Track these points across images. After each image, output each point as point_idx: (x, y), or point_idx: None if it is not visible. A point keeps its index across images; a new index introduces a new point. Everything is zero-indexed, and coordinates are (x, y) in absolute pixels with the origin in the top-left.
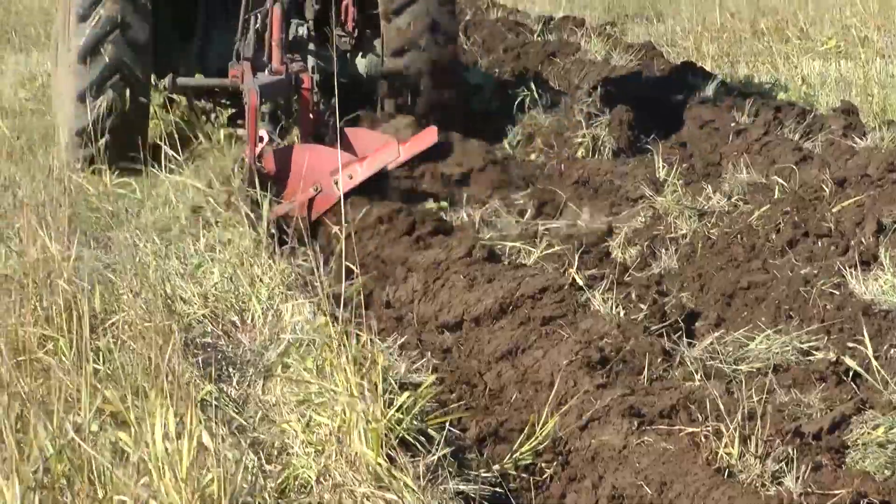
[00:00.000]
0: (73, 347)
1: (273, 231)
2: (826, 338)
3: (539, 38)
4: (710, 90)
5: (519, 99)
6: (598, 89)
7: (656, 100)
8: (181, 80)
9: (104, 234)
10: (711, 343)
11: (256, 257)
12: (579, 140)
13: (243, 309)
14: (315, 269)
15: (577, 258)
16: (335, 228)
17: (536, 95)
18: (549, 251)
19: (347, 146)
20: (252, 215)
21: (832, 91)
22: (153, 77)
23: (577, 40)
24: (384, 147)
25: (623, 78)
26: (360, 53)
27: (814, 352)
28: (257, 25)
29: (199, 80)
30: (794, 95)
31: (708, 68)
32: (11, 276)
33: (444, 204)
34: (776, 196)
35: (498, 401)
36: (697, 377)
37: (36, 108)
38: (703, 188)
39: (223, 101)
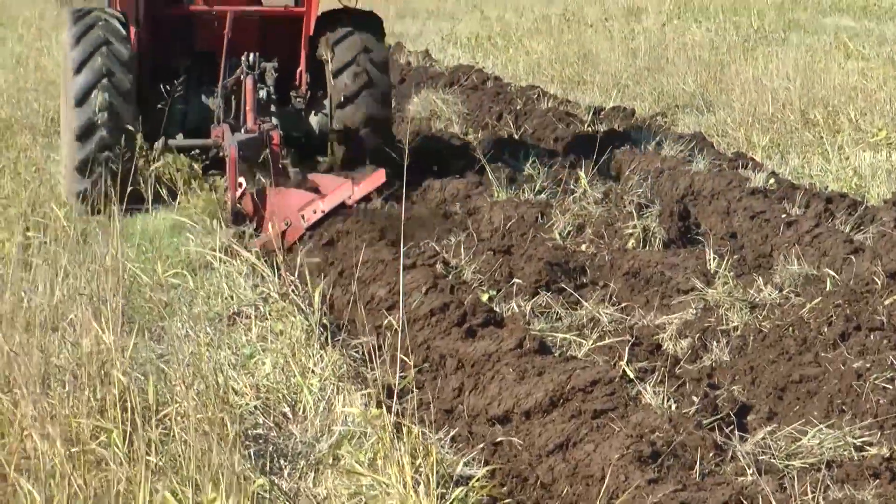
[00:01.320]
0: (126, 439)
1: (324, 322)
2: (879, 433)
3: (589, 129)
4: (760, 181)
5: (569, 189)
6: (649, 180)
7: (706, 190)
8: (172, 142)
9: (157, 325)
10: (763, 437)
11: (308, 347)
12: (630, 231)
13: (295, 400)
14: (367, 361)
15: (627, 350)
16: (389, 318)
17: (587, 185)
18: (600, 343)
19: (312, 188)
20: (303, 305)
21: (883, 182)
22: (142, 139)
23: (628, 130)
24: (340, 187)
25: (673, 168)
26: (313, 112)
27: (867, 447)
28: (229, 92)
29: (187, 141)
30: (846, 187)
31: (758, 159)
32: (65, 367)
33: (494, 294)
34: (828, 289)
35: (549, 495)
36: (750, 472)
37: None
38: (754, 280)
39: (200, 155)
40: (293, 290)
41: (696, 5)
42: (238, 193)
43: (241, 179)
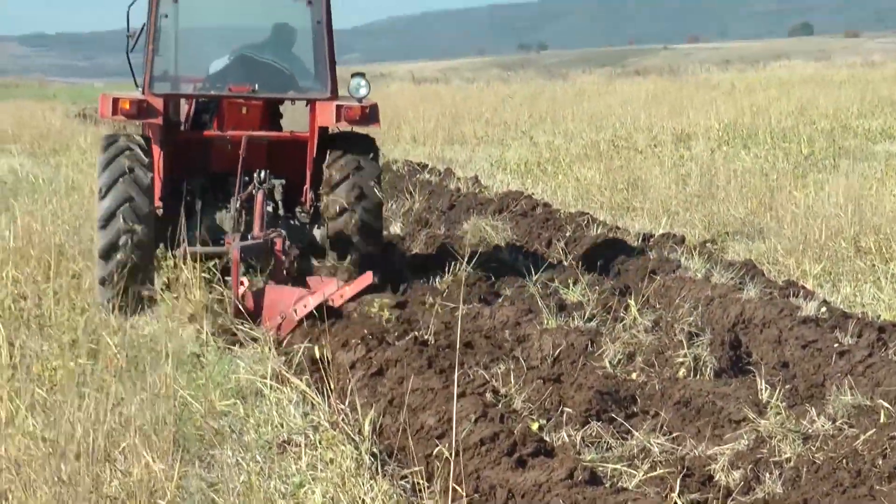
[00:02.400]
0: None
1: (374, 451)
2: None
3: (639, 255)
4: (812, 310)
5: (619, 316)
6: (699, 308)
7: (757, 319)
8: (190, 249)
9: (208, 453)
10: None
11: (358, 477)
12: (680, 359)
13: None
14: (418, 491)
15: (679, 482)
16: (440, 446)
17: (637, 313)
18: (651, 474)
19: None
20: (354, 434)
21: None
22: (164, 248)
23: (677, 258)
24: (326, 284)
25: (723, 296)
26: (316, 225)
27: None
28: (240, 206)
29: (202, 249)
30: None
31: (810, 287)
32: (115, 496)
33: (544, 423)
34: (882, 420)
35: None
36: None
37: (146, 326)
38: (806, 411)
39: (215, 262)
40: (343, 419)
41: (745, 132)
42: (240, 292)
43: (244, 279)
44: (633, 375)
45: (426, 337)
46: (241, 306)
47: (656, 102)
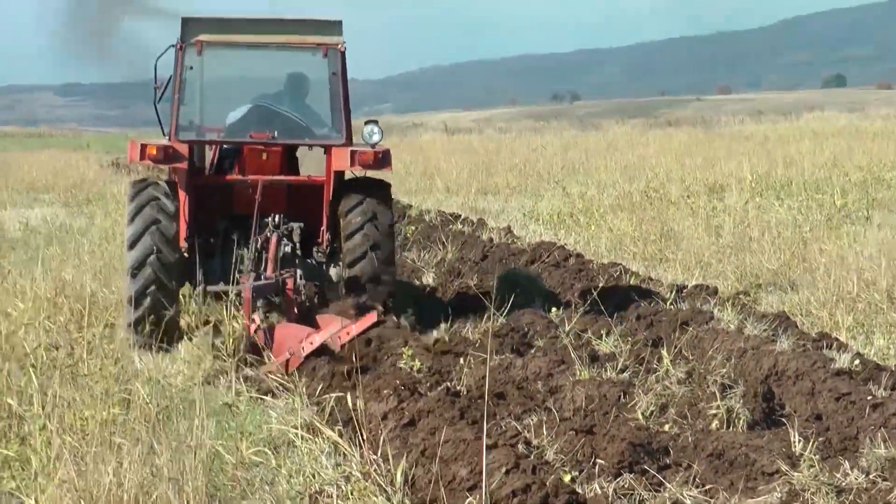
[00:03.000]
0: None
1: (406, 502)
2: None
3: (671, 307)
4: (845, 362)
5: (652, 368)
6: (732, 359)
7: (790, 371)
8: (210, 288)
9: (240, 503)
10: None
11: None
12: (713, 411)
13: None
14: None
15: None
16: (471, 498)
17: (669, 365)
18: None
19: (316, 325)
20: (385, 485)
21: None
22: (188, 286)
23: (710, 309)
24: (332, 323)
25: (756, 348)
26: (332, 265)
27: None
28: (259, 247)
29: (220, 287)
30: None
31: (843, 339)
32: None
33: (576, 475)
34: None
35: None
36: None
37: (177, 374)
38: (840, 463)
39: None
40: (375, 469)
41: (778, 183)
42: (252, 329)
43: (255, 317)
44: (666, 427)
45: (458, 388)
46: (252, 342)
47: (689, 153)
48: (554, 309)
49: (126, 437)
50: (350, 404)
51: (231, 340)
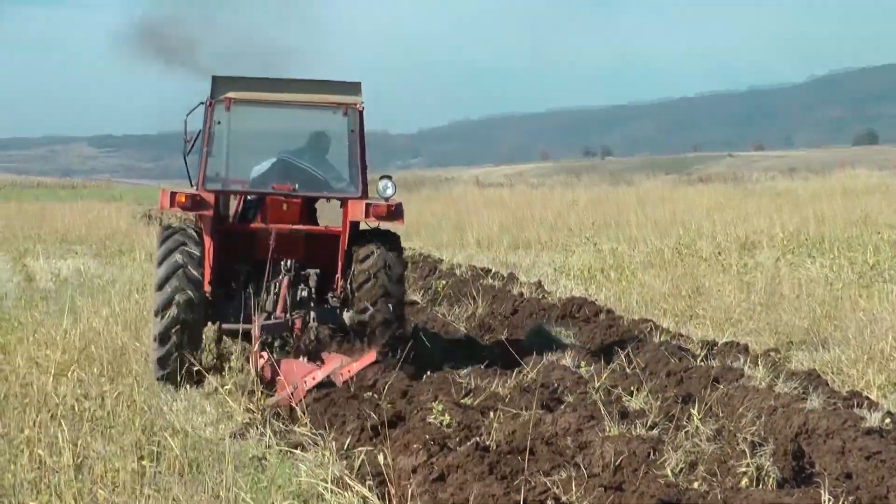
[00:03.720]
0: None
1: None
2: None
3: (702, 363)
4: (876, 420)
5: (682, 425)
6: (762, 417)
7: (821, 429)
8: (225, 326)
9: None
10: None
11: None
12: (743, 469)
13: None
14: None
15: None
16: None
17: (699, 422)
18: None
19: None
20: None
21: None
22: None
23: (741, 366)
24: (332, 360)
25: (787, 406)
26: (346, 309)
27: None
28: (276, 290)
29: (234, 325)
30: None
31: (874, 398)
32: None
33: None
34: None
35: None
36: None
37: (206, 426)
38: None
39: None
40: None
41: (810, 240)
42: (261, 364)
43: (264, 353)
44: (696, 484)
45: (488, 442)
46: (260, 375)
47: (720, 210)
48: (583, 364)
49: (156, 490)
50: (380, 459)
51: (237, 376)
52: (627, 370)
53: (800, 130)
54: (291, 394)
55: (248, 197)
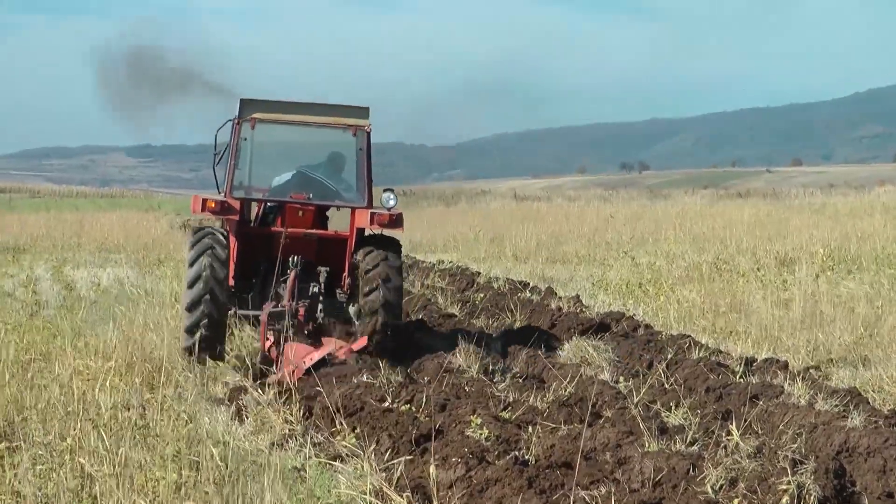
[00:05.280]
0: None
1: None
2: None
3: (741, 380)
4: None
5: (721, 441)
6: (803, 435)
7: (862, 448)
8: (241, 312)
9: None
10: None
11: None
12: (783, 487)
13: None
14: None
15: None
16: None
17: (739, 438)
18: None
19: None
20: None
21: None
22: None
23: (780, 383)
24: (327, 344)
25: (827, 423)
26: (352, 304)
27: None
28: (283, 280)
29: (251, 312)
30: None
31: None
32: None
33: None
34: None
35: None
36: None
37: (246, 437)
38: None
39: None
40: None
41: (849, 257)
42: (267, 346)
43: (270, 336)
44: (736, 502)
45: (526, 457)
46: (265, 356)
47: (759, 225)
48: (622, 379)
49: (196, 500)
50: (419, 472)
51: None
52: (666, 385)
53: (839, 146)
54: (293, 371)
55: (269, 204)
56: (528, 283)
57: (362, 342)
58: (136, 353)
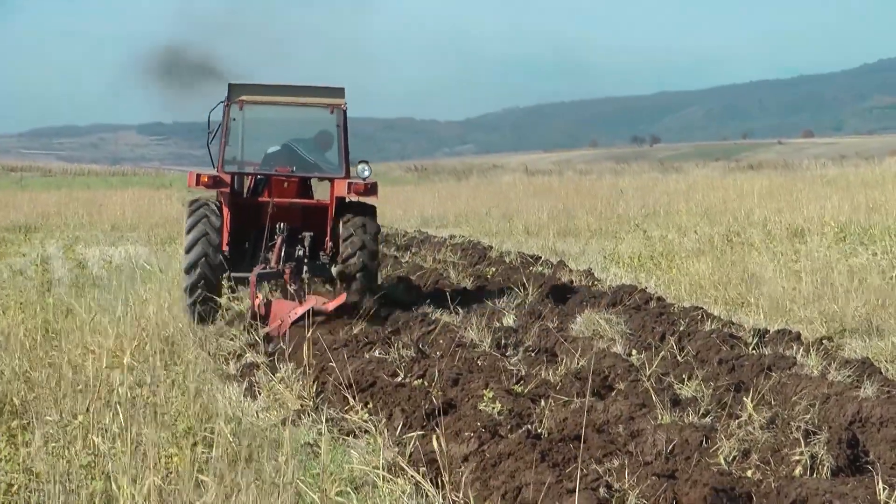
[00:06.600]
0: None
1: None
2: None
3: (754, 351)
4: None
5: (734, 413)
6: (816, 405)
7: (875, 418)
8: (234, 275)
9: None
10: None
11: None
12: (797, 457)
13: None
14: None
15: None
16: None
17: (752, 410)
18: None
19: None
20: None
21: None
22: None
23: (793, 354)
24: (310, 300)
25: (840, 393)
26: (334, 265)
27: None
28: (272, 245)
29: (243, 274)
30: None
31: None
32: None
33: None
34: None
35: None
36: None
37: (258, 413)
38: None
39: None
40: None
41: (861, 228)
42: (256, 303)
43: (259, 294)
44: (749, 473)
45: (539, 430)
46: (255, 312)
47: (771, 197)
48: (634, 352)
49: (210, 476)
50: (432, 446)
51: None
52: (679, 358)
53: (850, 117)
54: (280, 325)
55: (258, 176)
56: (540, 257)
57: (341, 299)
58: (147, 330)
